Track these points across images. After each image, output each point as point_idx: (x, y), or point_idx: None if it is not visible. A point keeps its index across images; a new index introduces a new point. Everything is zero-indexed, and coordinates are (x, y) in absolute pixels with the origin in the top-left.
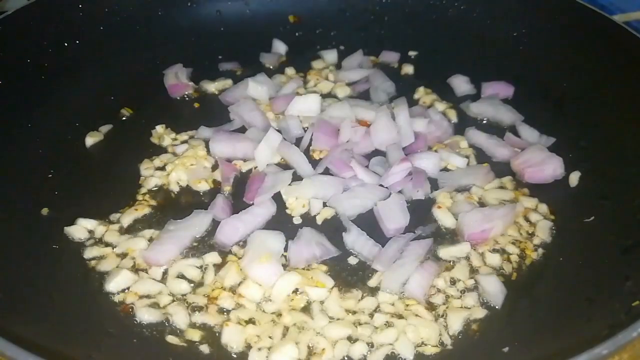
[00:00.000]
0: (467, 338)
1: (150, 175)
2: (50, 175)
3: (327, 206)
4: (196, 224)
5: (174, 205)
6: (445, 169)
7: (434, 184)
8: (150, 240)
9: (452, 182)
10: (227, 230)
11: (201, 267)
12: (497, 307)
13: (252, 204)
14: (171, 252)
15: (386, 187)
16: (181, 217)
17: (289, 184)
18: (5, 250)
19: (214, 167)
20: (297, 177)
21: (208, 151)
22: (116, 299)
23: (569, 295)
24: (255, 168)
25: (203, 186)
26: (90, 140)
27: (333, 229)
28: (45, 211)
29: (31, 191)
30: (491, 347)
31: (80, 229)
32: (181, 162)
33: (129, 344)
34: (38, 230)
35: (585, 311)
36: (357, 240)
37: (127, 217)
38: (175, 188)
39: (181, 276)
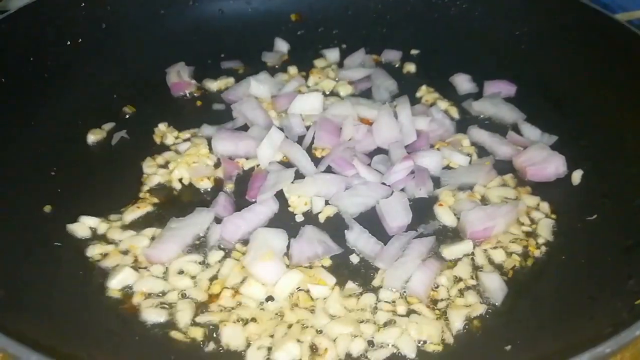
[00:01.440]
0: (470, 336)
1: (153, 173)
2: (52, 173)
3: (329, 204)
4: (198, 222)
5: (177, 203)
6: (448, 167)
7: (436, 182)
8: (153, 238)
9: (454, 180)
10: (230, 227)
11: (203, 264)
12: (498, 304)
13: (255, 201)
14: (173, 250)
15: (388, 186)
16: (183, 215)
17: (292, 182)
18: (8, 247)
19: (217, 165)
20: (299, 175)
21: (210, 149)
22: (121, 298)
23: (571, 293)
24: (257, 166)
25: (205, 184)
26: (92, 138)
27: (336, 227)
28: (47, 209)
29: (33, 189)
30: (493, 346)
31: (83, 226)
32: (184, 160)
33: (130, 341)
34: (40, 227)
35: (588, 310)
36: (359, 238)
37: (130, 215)
38: (177, 186)
39: (183, 274)
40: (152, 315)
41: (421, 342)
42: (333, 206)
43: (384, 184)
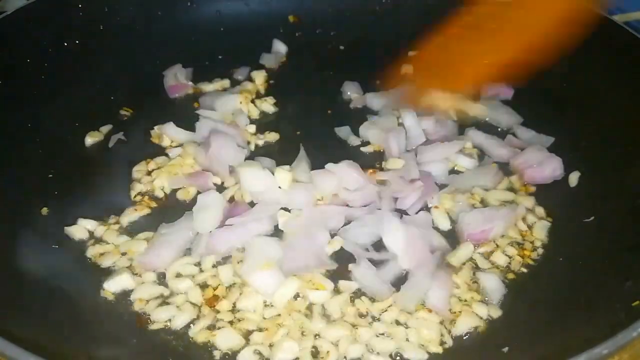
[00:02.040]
0: (467, 338)
1: (137, 180)
2: (50, 175)
3: (336, 236)
4: (189, 226)
5: (175, 206)
6: (453, 170)
7: (442, 187)
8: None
9: (462, 184)
10: (218, 240)
11: (199, 268)
12: (496, 305)
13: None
14: (166, 255)
15: (403, 211)
16: (177, 219)
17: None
18: (5, 250)
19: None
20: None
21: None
22: (125, 309)
23: (568, 295)
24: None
25: (183, 195)
26: (90, 140)
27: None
28: (45, 211)
29: (31, 191)
30: (491, 347)
31: (81, 229)
32: (166, 169)
33: (128, 344)
34: (38, 230)
35: (585, 311)
36: (365, 274)
37: (127, 218)
38: (160, 194)
39: (179, 277)
40: (155, 319)
41: (421, 345)
42: (339, 239)
43: (397, 210)
